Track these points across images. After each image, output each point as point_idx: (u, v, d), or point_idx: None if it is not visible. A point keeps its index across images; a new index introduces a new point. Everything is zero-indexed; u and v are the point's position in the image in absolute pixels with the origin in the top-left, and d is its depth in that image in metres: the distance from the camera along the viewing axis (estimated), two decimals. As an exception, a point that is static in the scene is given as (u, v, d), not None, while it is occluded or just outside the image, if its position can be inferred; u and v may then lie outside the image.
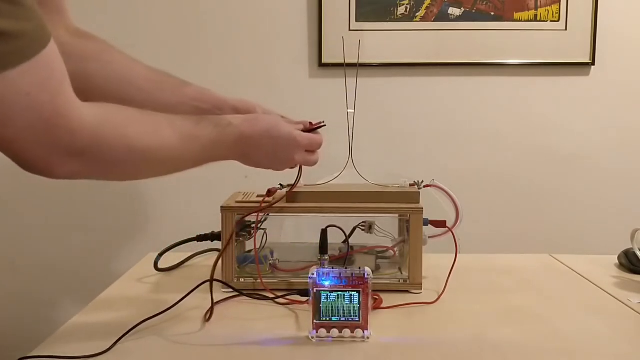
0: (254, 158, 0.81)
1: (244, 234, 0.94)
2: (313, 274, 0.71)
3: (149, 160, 0.66)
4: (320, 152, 0.88)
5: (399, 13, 1.49)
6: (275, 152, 0.82)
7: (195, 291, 0.81)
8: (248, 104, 0.94)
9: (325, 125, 0.88)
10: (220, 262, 0.90)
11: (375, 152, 1.52)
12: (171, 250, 1.04)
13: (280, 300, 0.84)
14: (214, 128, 0.73)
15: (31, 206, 1.53)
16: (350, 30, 1.48)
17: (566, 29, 1.49)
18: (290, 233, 1.01)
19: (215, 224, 0.92)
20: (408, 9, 1.48)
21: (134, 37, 1.51)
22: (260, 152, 0.80)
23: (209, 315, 0.80)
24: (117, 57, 0.90)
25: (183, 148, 0.69)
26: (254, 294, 0.86)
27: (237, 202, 0.92)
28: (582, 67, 1.52)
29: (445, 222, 0.92)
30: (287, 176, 0.96)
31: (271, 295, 0.85)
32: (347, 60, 1.05)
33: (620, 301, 0.87)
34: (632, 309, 0.83)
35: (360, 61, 1.44)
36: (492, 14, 1.49)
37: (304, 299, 0.82)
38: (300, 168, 0.89)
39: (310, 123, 0.88)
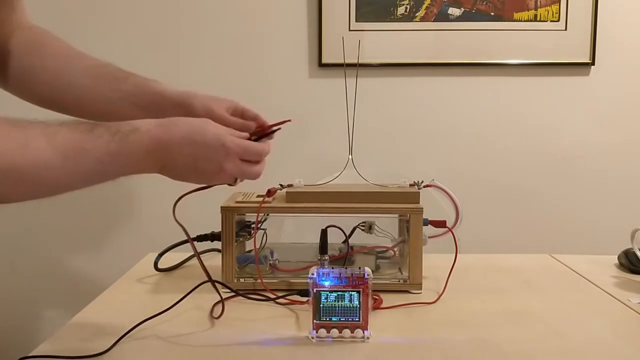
0: (174, 169, 0.68)
1: (244, 234, 0.94)
2: (313, 274, 0.71)
3: (17, 181, 0.57)
4: (267, 160, 0.70)
5: (398, 13, 1.49)
6: (198, 162, 0.68)
7: (194, 291, 0.81)
8: (188, 97, 0.82)
9: (279, 129, 0.77)
10: (220, 262, 0.90)
11: (375, 152, 1.52)
12: (171, 250, 1.04)
13: (281, 300, 0.84)
14: (111, 137, 0.63)
15: (31, 206, 1.53)
16: (350, 30, 1.48)
17: (566, 29, 1.49)
18: (290, 233, 1.01)
19: (215, 224, 0.92)
20: (408, 9, 1.48)
21: (133, 37, 1.51)
22: (180, 161, 0.67)
23: (220, 312, 0.80)
24: (57, 50, 0.84)
25: (65, 165, 0.60)
26: (254, 293, 0.86)
27: (237, 202, 0.92)
28: (582, 67, 1.52)
29: (445, 222, 0.92)
30: (288, 176, 0.97)
31: (271, 296, 0.85)
32: (347, 60, 1.05)
33: (620, 301, 0.87)
34: (632, 309, 0.83)
35: (360, 61, 1.45)
36: (492, 14, 1.49)
37: (304, 299, 0.82)
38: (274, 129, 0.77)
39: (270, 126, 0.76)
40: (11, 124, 0.58)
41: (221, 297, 0.82)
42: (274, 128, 0.79)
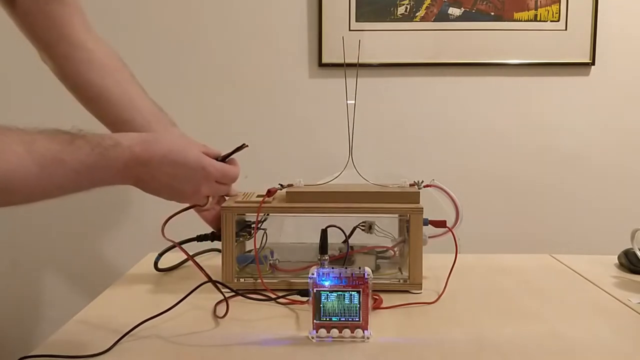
0: (150, 185, 0.70)
1: (244, 234, 0.94)
2: (313, 274, 0.71)
3: None
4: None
5: (399, 13, 1.49)
6: (176, 181, 0.70)
7: (194, 292, 0.81)
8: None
9: (247, 146, 0.77)
10: (220, 262, 0.90)
11: (375, 152, 1.52)
12: (171, 250, 1.04)
13: (281, 300, 0.84)
14: (91, 150, 0.63)
15: (31, 206, 1.53)
16: (350, 30, 1.49)
17: (566, 29, 1.49)
18: (290, 233, 1.01)
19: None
20: (408, 9, 1.48)
21: (133, 38, 1.51)
22: (157, 178, 0.69)
23: (225, 312, 0.80)
24: (129, 79, 0.91)
25: (41, 174, 0.59)
26: (254, 293, 0.86)
27: (237, 202, 0.92)
28: (582, 67, 1.52)
29: (445, 222, 0.92)
30: (288, 176, 0.96)
31: (272, 295, 0.85)
32: (347, 60, 1.05)
33: (620, 301, 0.87)
34: (632, 309, 0.83)
35: (360, 61, 1.45)
36: (492, 14, 1.49)
37: (304, 299, 0.82)
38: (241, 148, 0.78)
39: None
40: None
41: (225, 297, 0.82)
42: (241, 146, 0.81)
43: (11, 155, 0.57)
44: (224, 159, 0.78)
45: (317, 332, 0.71)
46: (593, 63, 1.50)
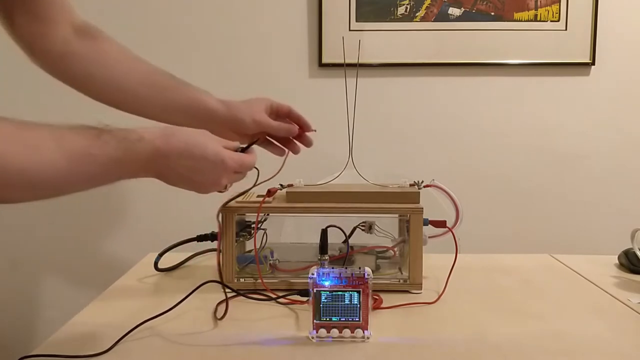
0: (170, 178, 0.71)
1: (244, 234, 0.94)
2: (313, 274, 0.71)
3: (26, 182, 0.58)
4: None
5: (399, 13, 1.49)
6: (195, 174, 0.72)
7: (195, 292, 0.81)
8: (236, 112, 0.90)
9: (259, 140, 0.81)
10: (220, 262, 0.90)
11: (375, 152, 1.52)
12: (171, 250, 1.04)
13: (281, 300, 0.84)
14: (118, 144, 0.64)
15: (31, 206, 1.53)
16: (350, 30, 1.49)
17: (566, 29, 1.49)
18: (290, 233, 1.01)
19: (215, 224, 0.92)
20: (408, 9, 1.48)
21: (134, 37, 1.51)
22: (177, 171, 0.70)
23: (223, 313, 0.80)
24: (115, 58, 0.90)
25: (72, 169, 0.61)
26: (254, 293, 0.86)
27: (237, 202, 0.92)
28: (582, 67, 1.52)
29: (445, 222, 0.92)
30: (288, 176, 0.97)
31: (272, 295, 0.85)
32: (347, 60, 1.05)
33: (620, 301, 0.87)
34: (632, 309, 0.83)
35: (360, 61, 1.45)
36: (492, 14, 1.49)
37: (304, 299, 0.82)
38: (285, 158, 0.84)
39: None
40: (18, 126, 0.58)
41: (227, 297, 0.82)
42: (256, 140, 0.85)
43: (45, 151, 0.58)
44: (242, 150, 0.79)
45: (317, 332, 0.71)
46: (593, 63, 1.50)
